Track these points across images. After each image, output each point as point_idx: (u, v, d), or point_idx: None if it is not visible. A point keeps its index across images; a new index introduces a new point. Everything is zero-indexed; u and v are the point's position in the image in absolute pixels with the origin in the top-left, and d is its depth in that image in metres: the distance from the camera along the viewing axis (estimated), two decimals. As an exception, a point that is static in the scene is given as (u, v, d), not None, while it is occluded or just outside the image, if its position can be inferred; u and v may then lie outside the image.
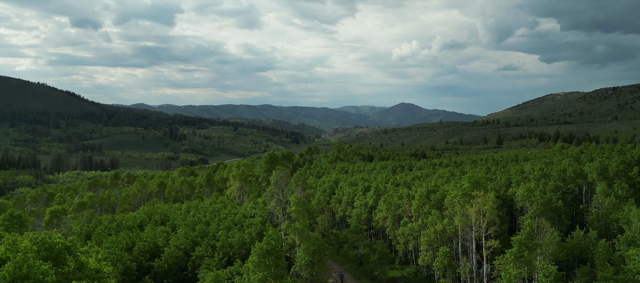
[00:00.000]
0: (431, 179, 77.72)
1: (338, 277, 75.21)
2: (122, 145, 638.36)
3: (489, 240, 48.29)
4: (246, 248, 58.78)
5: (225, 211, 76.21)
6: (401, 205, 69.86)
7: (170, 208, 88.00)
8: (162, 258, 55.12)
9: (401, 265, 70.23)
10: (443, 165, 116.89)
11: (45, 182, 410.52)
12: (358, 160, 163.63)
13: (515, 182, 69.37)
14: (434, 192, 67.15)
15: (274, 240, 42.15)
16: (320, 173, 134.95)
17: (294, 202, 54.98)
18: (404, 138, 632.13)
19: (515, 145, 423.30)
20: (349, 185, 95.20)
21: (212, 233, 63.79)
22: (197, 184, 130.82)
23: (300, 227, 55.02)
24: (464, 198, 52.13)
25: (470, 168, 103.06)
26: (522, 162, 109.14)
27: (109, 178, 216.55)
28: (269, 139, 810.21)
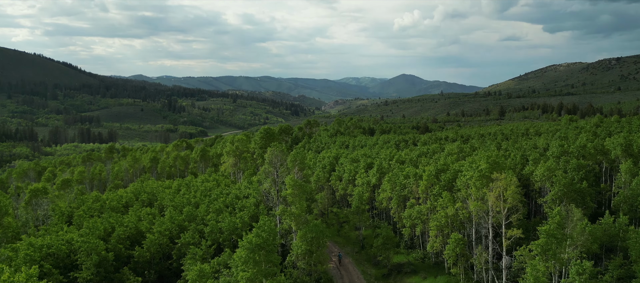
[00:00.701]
0: (439, 157, 71.89)
1: (336, 258, 70.40)
2: (120, 117, 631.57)
3: (510, 229, 42.63)
4: (237, 234, 53.33)
5: (217, 191, 70.60)
6: (407, 185, 64.16)
7: (159, 187, 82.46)
8: (144, 245, 49.71)
9: (406, 249, 64.99)
10: (449, 139, 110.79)
11: (42, 155, 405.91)
12: (359, 134, 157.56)
13: (533, 160, 63.46)
14: (443, 171, 61.31)
15: (266, 232, 36.48)
16: (320, 147, 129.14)
17: (290, 184, 49.20)
18: (404, 110, 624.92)
19: (518, 117, 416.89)
20: (350, 161, 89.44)
21: (201, 217, 58.29)
22: (191, 159, 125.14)
23: (296, 212, 49.44)
24: (481, 181, 46.28)
25: (479, 143, 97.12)
26: (534, 137, 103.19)
27: (104, 152, 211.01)
28: (269, 111, 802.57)
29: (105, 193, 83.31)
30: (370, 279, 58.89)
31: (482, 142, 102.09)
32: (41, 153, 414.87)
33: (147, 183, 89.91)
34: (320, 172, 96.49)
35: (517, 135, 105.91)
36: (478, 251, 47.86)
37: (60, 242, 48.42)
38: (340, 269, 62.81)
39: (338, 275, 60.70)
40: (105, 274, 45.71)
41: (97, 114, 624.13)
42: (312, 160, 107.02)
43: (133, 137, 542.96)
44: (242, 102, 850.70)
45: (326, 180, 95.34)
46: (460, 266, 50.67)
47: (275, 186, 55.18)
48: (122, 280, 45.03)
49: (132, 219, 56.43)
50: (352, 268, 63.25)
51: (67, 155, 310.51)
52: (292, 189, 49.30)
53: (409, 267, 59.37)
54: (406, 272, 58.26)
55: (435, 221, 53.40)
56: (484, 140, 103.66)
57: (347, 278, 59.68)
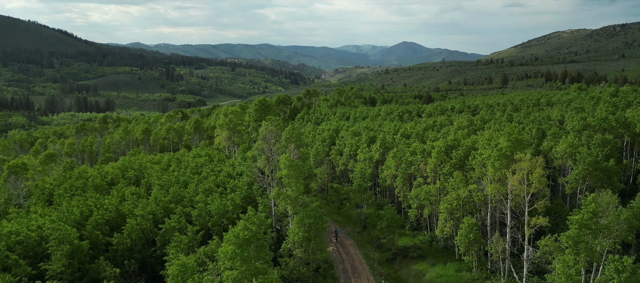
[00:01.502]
0: (449, 131, 66.53)
1: (336, 239, 66.08)
2: (117, 85, 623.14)
3: (534, 216, 37.56)
4: (228, 218, 48.42)
5: (208, 168, 65.41)
6: (414, 163, 58.98)
7: (147, 163, 77.34)
8: (124, 231, 44.83)
9: (412, 231, 60.34)
10: (456, 110, 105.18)
11: (39, 124, 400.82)
12: (360, 104, 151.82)
13: (552, 135, 58.06)
14: (454, 147, 56.01)
15: (255, 225, 31.38)
16: (320, 119, 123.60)
17: (285, 164, 43.92)
18: (405, 78, 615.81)
19: (521, 85, 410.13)
20: (351, 135, 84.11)
21: (188, 198, 53.27)
22: (185, 131, 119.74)
23: (293, 195, 44.34)
24: (501, 161, 40.98)
25: (488, 115, 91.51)
26: (546, 108, 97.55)
27: (98, 122, 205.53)
28: (268, 79, 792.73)
29: (90, 169, 78.24)
30: (373, 264, 54.36)
31: (490, 113, 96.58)
32: (37, 122, 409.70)
33: (135, 158, 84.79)
34: (319, 146, 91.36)
35: (528, 106, 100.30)
36: (495, 238, 42.97)
37: (30, 229, 43.54)
38: (341, 252, 58.30)
39: (339, 260, 56.19)
40: (79, 265, 40.96)
41: (94, 83, 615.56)
42: (312, 133, 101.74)
43: (131, 106, 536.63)
44: (241, 70, 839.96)
45: (326, 155, 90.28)
46: (473, 253, 45.95)
47: (269, 165, 49.94)
48: (98, 271, 40.32)
49: (114, 201, 51.42)
50: (353, 251, 58.69)
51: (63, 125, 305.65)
52: (287, 170, 44.06)
53: (415, 251, 54.74)
54: (412, 257, 53.67)
55: (446, 203, 48.40)
56: (493, 111, 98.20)
57: (348, 263, 55.14)
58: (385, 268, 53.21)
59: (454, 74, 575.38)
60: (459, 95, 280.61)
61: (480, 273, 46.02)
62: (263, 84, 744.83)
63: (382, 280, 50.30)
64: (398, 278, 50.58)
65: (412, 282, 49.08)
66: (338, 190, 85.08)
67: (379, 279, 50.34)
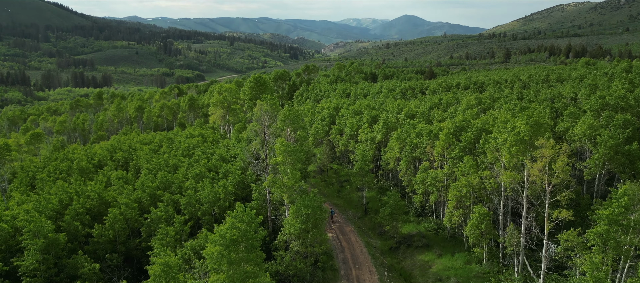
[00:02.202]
0: (456, 110, 62.44)
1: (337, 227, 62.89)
2: (115, 60, 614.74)
3: (556, 209, 33.85)
4: (220, 207, 44.80)
5: (200, 150, 61.55)
6: (419, 145, 55.09)
7: (137, 143, 73.49)
8: (106, 222, 41.24)
9: (417, 217, 56.88)
10: (461, 87, 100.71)
11: (35, 100, 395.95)
12: (360, 80, 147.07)
13: (568, 115, 54.07)
14: (463, 129, 52.05)
15: (244, 223, 27.70)
16: (319, 96, 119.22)
17: (280, 150, 40.04)
18: (407, 53, 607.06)
19: (524, 59, 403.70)
20: (352, 114, 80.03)
21: (178, 184, 49.56)
22: (180, 109, 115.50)
23: (288, 183, 40.59)
24: (518, 147, 37.09)
25: (497, 92, 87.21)
26: (557, 84, 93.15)
27: (92, 98, 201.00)
28: (267, 54, 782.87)
29: (78, 149, 74.36)
30: (375, 253, 51.04)
31: (498, 89, 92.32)
32: (34, 98, 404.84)
33: (126, 138, 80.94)
34: (319, 125, 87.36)
35: (537, 83, 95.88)
36: (509, 230, 39.39)
37: (3, 219, 39.97)
38: (341, 240, 54.96)
39: (338, 248, 52.86)
40: (56, 260, 37.50)
41: (90, 57, 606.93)
42: (311, 111, 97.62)
43: (128, 81, 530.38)
44: (240, 44, 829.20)
45: (325, 134, 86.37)
46: (484, 245, 42.49)
47: (264, 149, 46.06)
48: (76, 266, 36.86)
49: (97, 187, 47.68)
50: (354, 238, 55.33)
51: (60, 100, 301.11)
52: (282, 155, 40.19)
53: (420, 239, 51.35)
54: (417, 246, 50.30)
55: (455, 190, 44.68)
56: (500, 88, 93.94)
57: (348, 252, 51.82)
58: (388, 258, 49.91)
59: (456, 48, 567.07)
60: (461, 70, 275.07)
61: (491, 266, 42.67)
62: (262, 58, 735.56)
63: (385, 271, 47.01)
64: (402, 270, 47.30)
65: (417, 274, 45.78)
66: (338, 171, 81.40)
67: (382, 271, 47.05)
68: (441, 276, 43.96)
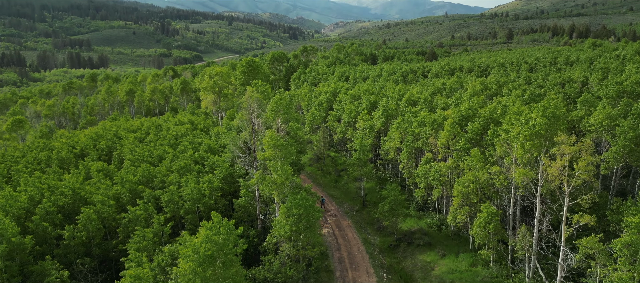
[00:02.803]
0: (461, 96, 58.38)
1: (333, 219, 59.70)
2: (111, 40, 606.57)
3: (577, 214, 30.17)
4: (205, 204, 41.15)
5: (187, 140, 57.68)
6: (422, 135, 51.23)
7: (123, 130, 69.64)
8: (79, 222, 37.67)
9: (418, 212, 53.33)
10: (465, 70, 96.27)
11: (30, 81, 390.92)
12: (360, 62, 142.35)
13: (582, 103, 50.11)
14: (469, 118, 48.14)
15: (222, 235, 24.02)
16: (317, 79, 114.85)
17: (269, 144, 36.19)
18: (407, 33, 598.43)
19: (527, 40, 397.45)
20: (351, 99, 75.96)
21: (160, 178, 45.82)
22: (172, 92, 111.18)
23: (278, 180, 36.84)
24: (533, 142, 33.26)
25: (503, 76, 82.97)
26: (566, 67, 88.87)
27: (85, 80, 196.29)
28: (266, 34, 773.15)
29: (65, 135, 70.43)
30: (373, 252, 47.63)
31: (504, 73, 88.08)
32: (29, 79, 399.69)
33: (113, 124, 77.01)
34: (315, 110, 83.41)
35: (544, 65, 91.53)
36: (520, 232, 35.78)
37: (-35, 221, 36.30)
38: (338, 236, 51.52)
39: (334, 246, 49.45)
40: (21, 267, 33.99)
41: (87, 38, 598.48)
42: (308, 95, 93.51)
43: (125, 62, 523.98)
44: (238, 24, 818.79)
45: (322, 120, 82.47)
46: (492, 247, 38.97)
47: (252, 140, 42.20)
48: (43, 273, 33.38)
49: (72, 181, 43.93)
50: (351, 234, 51.88)
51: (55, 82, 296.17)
52: (272, 150, 36.36)
53: (421, 237, 47.85)
54: (419, 245, 46.82)
55: (461, 186, 40.97)
56: (506, 72, 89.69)
57: (345, 250, 48.41)
58: (387, 258, 46.48)
59: (457, 29, 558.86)
60: (463, 51, 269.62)
61: (499, 270, 39.22)
62: (261, 38, 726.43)
63: (383, 273, 43.65)
64: (402, 271, 43.87)
65: (418, 277, 42.36)
66: (335, 160, 77.75)
67: (381, 272, 43.69)
68: (444, 279, 40.56)
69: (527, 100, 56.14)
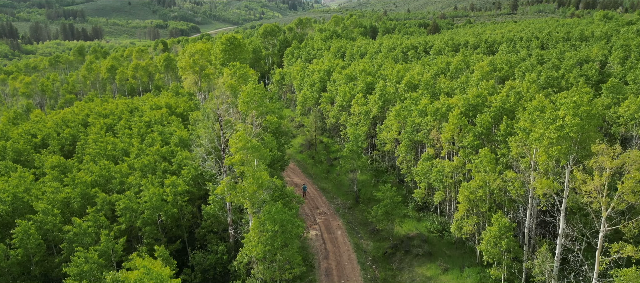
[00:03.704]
0: (467, 80, 51.60)
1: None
2: (106, 11, 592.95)
3: (616, 243, 23.98)
4: (167, 213, 35.01)
5: (158, 130, 51.22)
6: (422, 126, 44.75)
7: (95, 115, 63.21)
8: (15, 238, 31.72)
9: (417, 211, 47.27)
10: (469, 46, 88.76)
11: (23, 53, 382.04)
12: (358, 36, 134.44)
13: (609, 89, 43.44)
14: (477, 108, 41.61)
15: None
16: (311, 55, 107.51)
17: (237, 147, 29.80)
18: (410, 2, 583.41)
19: (532, 11, 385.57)
20: (345, 79, 69.14)
21: (120, 179, 39.57)
22: (156, 69, 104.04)
23: (250, 189, 30.59)
24: (560, 148, 26.85)
25: (511, 52, 75.80)
26: (580, 44, 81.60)
27: (72, 54, 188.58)
28: (265, 5, 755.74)
29: (21, 125, 63.90)
30: (366, 261, 41.81)
31: (513, 49, 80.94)
32: (21, 51, 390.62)
33: (85, 106, 70.51)
34: (307, 91, 76.71)
35: (557, 41, 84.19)
36: (540, 253, 29.72)
37: None
38: (327, 241, 45.64)
39: (322, 253, 43.61)
40: None
41: (81, 8, 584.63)
42: (300, 73, 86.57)
43: (121, 33, 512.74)
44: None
45: (315, 103, 75.83)
46: (503, 265, 32.98)
47: (221, 140, 35.77)
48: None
49: (13, 184, 37.74)
50: (342, 238, 45.99)
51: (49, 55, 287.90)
52: (241, 153, 29.98)
53: (421, 245, 41.91)
54: (417, 254, 40.89)
55: (467, 192, 34.76)
56: (515, 48, 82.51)
57: (333, 258, 42.58)
58: (381, 269, 40.65)
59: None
60: (466, 22, 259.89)
61: (511, 291, 33.37)
62: (259, 9, 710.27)
63: (377, 289, 37.91)
64: (398, 287, 38.13)
65: (417, 295, 36.59)
66: (328, 146, 71.46)
67: (373, 288, 37.95)
68: (447, 301, 34.81)
69: (543, 84, 49.49)
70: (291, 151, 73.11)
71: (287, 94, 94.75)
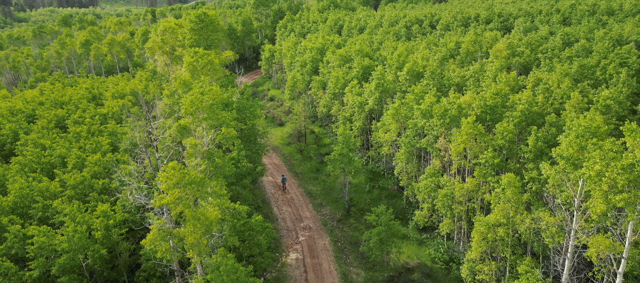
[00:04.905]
0: (482, 68, 42.35)
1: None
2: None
3: None
4: (94, 255, 26.94)
5: (101, 136, 42.70)
6: (427, 130, 36.06)
7: (51, 103, 54.85)
8: None
9: (418, 231, 39.07)
10: (481, 20, 78.48)
11: (15, 21, 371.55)
12: (359, 6, 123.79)
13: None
14: (496, 111, 32.87)
15: None
16: (306, 29, 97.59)
17: (169, 183, 21.39)
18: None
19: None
20: (340, 60, 60.06)
21: (41, 204, 31.33)
22: (135, 45, 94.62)
23: (190, 239, 22.34)
24: (629, 196, 18.34)
25: (529, 26, 66.06)
26: (608, 19, 71.59)
27: (57, 24, 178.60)
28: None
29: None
30: (355, 298, 33.94)
31: (531, 24, 71.18)
32: (14, 19, 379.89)
33: (38, 92, 62.03)
34: (298, 73, 67.76)
35: (581, 15, 74.20)
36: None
37: None
38: (308, 267, 37.71)
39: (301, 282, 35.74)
40: None
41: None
42: (291, 50, 77.29)
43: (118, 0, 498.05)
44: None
45: (306, 86, 66.97)
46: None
47: (150, 165, 27.28)
48: None
49: None
50: (327, 264, 38.03)
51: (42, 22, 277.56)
52: (172, 192, 21.57)
53: (422, 279, 33.91)
54: (419, 293, 32.97)
55: (484, 228, 26.47)
56: (534, 24, 72.76)
57: (315, 294, 34.72)
58: (373, 312, 32.80)
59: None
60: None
61: None
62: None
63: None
64: (394, 341, 30.28)
65: None
66: (319, 138, 63.01)
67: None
68: None
69: (576, 76, 40.46)
70: (278, 142, 64.76)
71: (277, 74, 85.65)
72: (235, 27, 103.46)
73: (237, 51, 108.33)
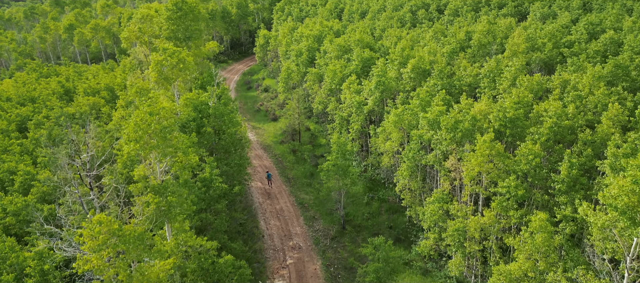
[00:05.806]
0: (498, 67, 36.40)
1: None
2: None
3: None
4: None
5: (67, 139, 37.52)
6: (434, 144, 30.57)
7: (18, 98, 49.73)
8: None
9: (422, 259, 33.83)
10: (492, 4, 71.80)
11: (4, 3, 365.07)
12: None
13: None
14: (518, 124, 27.41)
15: None
16: (304, 13, 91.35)
17: (93, 246, 16.12)
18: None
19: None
20: (337, 51, 54.35)
21: None
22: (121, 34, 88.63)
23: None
24: None
25: (546, 13, 59.86)
26: (631, 4, 65.08)
27: (49, 4, 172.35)
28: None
29: None
30: (348, 341, 28.99)
31: (548, 10, 64.86)
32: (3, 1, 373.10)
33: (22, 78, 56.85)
34: (292, 64, 62.15)
35: (603, 1, 67.66)
36: None
37: None
38: None
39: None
40: None
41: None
42: (287, 37, 71.48)
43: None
44: None
45: (301, 79, 61.41)
46: None
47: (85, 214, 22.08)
48: None
49: None
50: None
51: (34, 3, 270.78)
52: (100, 255, 16.35)
53: (428, 320, 28.90)
54: (423, 339, 27.97)
55: (506, 279, 21.25)
56: (551, 7, 66.38)
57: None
58: None
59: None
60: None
61: None
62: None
63: None
64: None
65: None
66: (315, 136, 57.70)
67: None
68: None
69: (609, 77, 34.68)
70: (270, 140, 59.49)
71: (273, 62, 79.80)
72: (230, 9, 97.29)
73: (232, 35, 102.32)
